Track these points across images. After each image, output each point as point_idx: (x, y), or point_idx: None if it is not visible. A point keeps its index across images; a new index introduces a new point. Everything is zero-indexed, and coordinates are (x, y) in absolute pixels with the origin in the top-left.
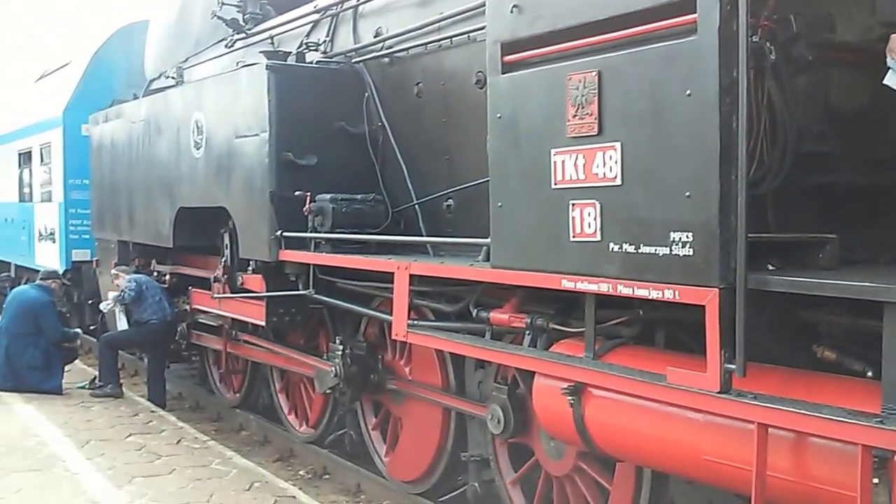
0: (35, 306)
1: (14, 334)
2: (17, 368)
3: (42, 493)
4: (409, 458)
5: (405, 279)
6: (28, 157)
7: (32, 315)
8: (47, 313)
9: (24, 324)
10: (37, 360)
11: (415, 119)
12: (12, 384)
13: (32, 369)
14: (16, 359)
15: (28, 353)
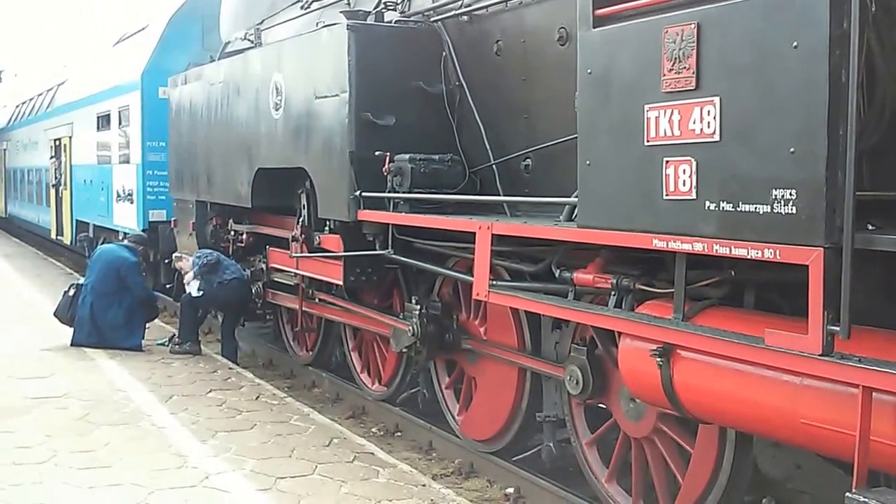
0: (121, 266)
1: (99, 292)
2: (100, 325)
3: (130, 447)
4: (483, 417)
5: (487, 239)
6: (106, 119)
7: (118, 274)
8: (133, 273)
9: (110, 282)
10: (119, 318)
11: (493, 78)
12: (95, 340)
13: (115, 327)
14: (100, 316)
15: (112, 312)
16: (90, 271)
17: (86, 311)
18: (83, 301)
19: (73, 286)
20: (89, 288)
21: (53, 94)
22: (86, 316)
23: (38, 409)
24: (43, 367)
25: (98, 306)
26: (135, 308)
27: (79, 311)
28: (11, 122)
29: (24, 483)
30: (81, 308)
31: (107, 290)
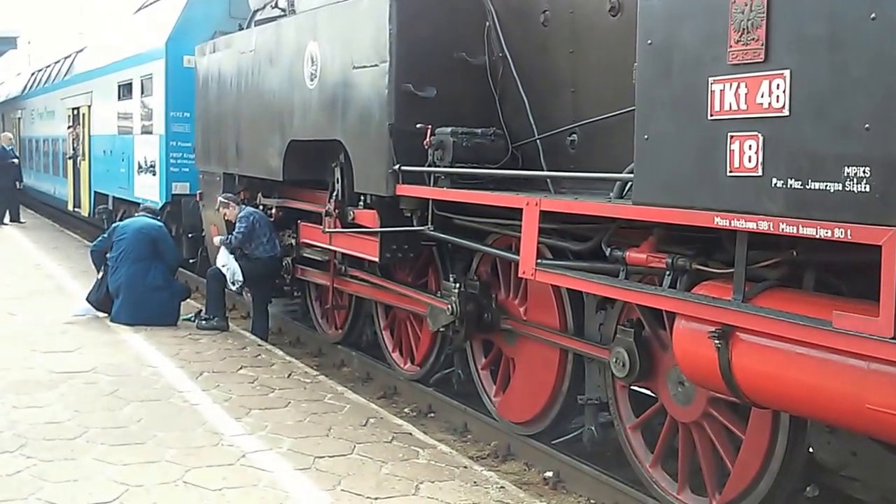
0: (152, 232)
1: (135, 258)
2: (140, 293)
3: (163, 423)
4: (522, 398)
5: (535, 216)
6: (128, 89)
7: (150, 240)
8: (164, 238)
9: (144, 248)
10: (159, 280)
11: (539, 49)
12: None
13: (157, 289)
14: (139, 281)
15: (151, 274)
16: (120, 242)
17: (120, 282)
18: (115, 273)
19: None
20: (123, 257)
21: (72, 61)
22: (121, 287)
23: (65, 384)
24: (68, 341)
25: (137, 273)
26: (169, 276)
27: (112, 285)
28: (27, 91)
29: (57, 459)
30: (114, 281)
31: (142, 256)
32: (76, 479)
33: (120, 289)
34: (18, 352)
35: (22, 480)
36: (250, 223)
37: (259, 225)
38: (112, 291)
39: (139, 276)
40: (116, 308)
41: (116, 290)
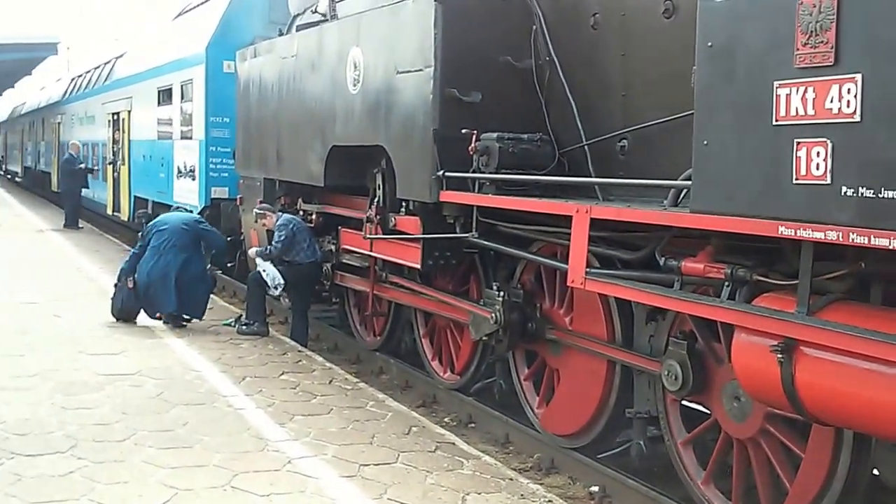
0: (194, 225)
1: (180, 247)
2: (184, 282)
3: (209, 427)
4: (566, 411)
5: (585, 224)
6: (168, 94)
7: (194, 233)
8: (206, 227)
9: (187, 239)
10: (199, 272)
11: (588, 53)
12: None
13: (198, 281)
14: (184, 271)
15: (193, 266)
16: (162, 233)
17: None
18: (156, 263)
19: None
20: (166, 246)
21: (111, 67)
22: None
23: (111, 386)
24: (112, 344)
25: (182, 261)
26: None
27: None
28: (67, 96)
29: (107, 461)
30: (154, 270)
31: (186, 246)
32: (126, 482)
33: (163, 277)
34: (65, 353)
35: (74, 481)
36: (290, 231)
37: (298, 231)
38: (149, 281)
39: (184, 266)
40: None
41: (158, 278)
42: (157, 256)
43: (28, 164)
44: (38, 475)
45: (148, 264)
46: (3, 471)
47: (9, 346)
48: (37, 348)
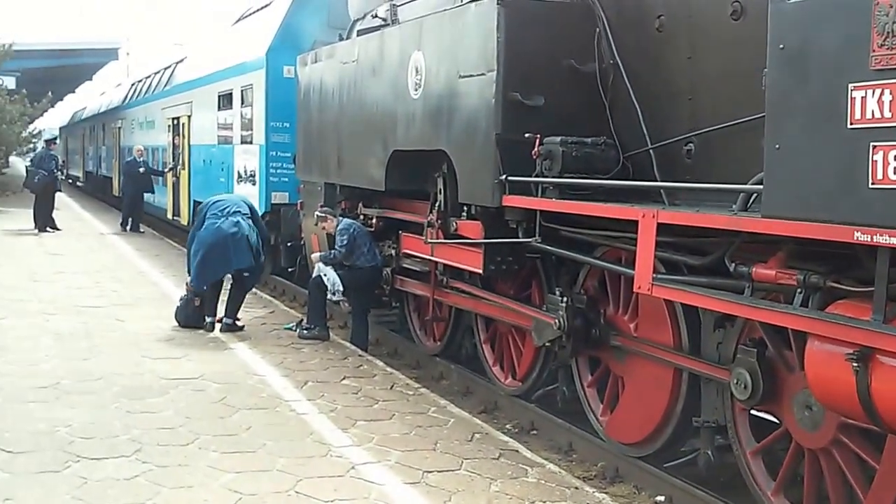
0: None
1: (243, 215)
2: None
3: (272, 432)
4: (631, 419)
5: (652, 228)
6: (228, 99)
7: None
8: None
9: (246, 209)
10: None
11: (653, 56)
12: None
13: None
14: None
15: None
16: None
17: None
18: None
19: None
20: (229, 212)
21: (171, 72)
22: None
23: (174, 391)
24: (175, 348)
25: (245, 225)
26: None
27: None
28: (127, 101)
29: (171, 465)
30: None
31: (232, 210)
32: (191, 486)
33: (232, 236)
34: (129, 357)
35: (139, 485)
36: (350, 236)
37: (358, 235)
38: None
39: (243, 230)
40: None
41: (228, 236)
42: (219, 220)
43: (89, 169)
44: (103, 479)
45: (210, 229)
46: (69, 474)
47: (73, 350)
48: (101, 352)
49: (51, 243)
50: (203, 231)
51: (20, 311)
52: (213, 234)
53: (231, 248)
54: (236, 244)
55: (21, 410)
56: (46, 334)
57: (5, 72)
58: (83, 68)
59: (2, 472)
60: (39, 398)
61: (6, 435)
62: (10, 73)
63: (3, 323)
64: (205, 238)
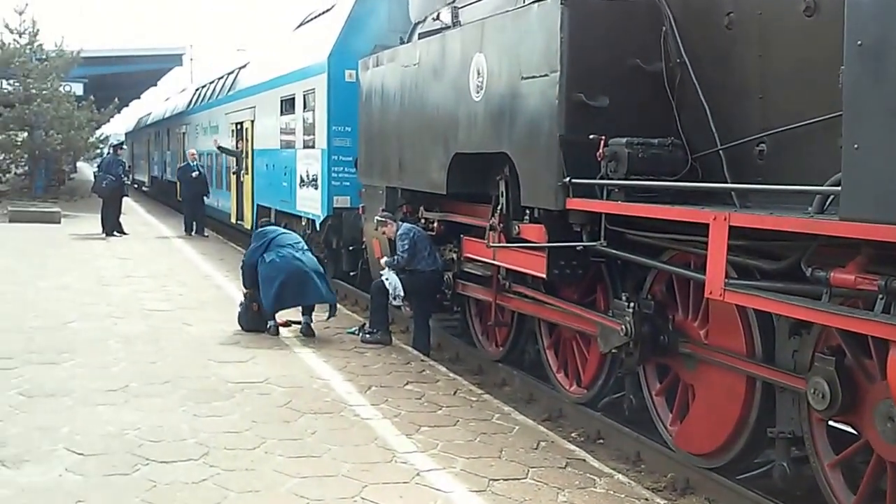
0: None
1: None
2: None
3: (337, 437)
4: (703, 429)
5: (724, 231)
6: (291, 103)
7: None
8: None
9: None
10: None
11: (722, 54)
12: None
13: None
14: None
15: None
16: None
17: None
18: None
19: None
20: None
21: (235, 77)
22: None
23: (240, 394)
24: (240, 352)
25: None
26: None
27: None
28: (191, 106)
29: (238, 469)
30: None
31: (299, 247)
32: (258, 490)
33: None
34: (195, 360)
35: (207, 489)
36: (411, 240)
37: (419, 240)
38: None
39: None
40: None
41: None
42: (296, 252)
43: (155, 174)
44: (171, 482)
45: (287, 258)
46: (139, 477)
47: (141, 353)
48: (167, 355)
49: (118, 247)
50: (279, 259)
51: (89, 315)
52: (291, 264)
53: (309, 282)
54: (315, 278)
55: (91, 413)
56: (114, 337)
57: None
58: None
59: (73, 474)
60: (108, 401)
61: (77, 438)
62: (77, 80)
63: (74, 326)
64: (282, 266)
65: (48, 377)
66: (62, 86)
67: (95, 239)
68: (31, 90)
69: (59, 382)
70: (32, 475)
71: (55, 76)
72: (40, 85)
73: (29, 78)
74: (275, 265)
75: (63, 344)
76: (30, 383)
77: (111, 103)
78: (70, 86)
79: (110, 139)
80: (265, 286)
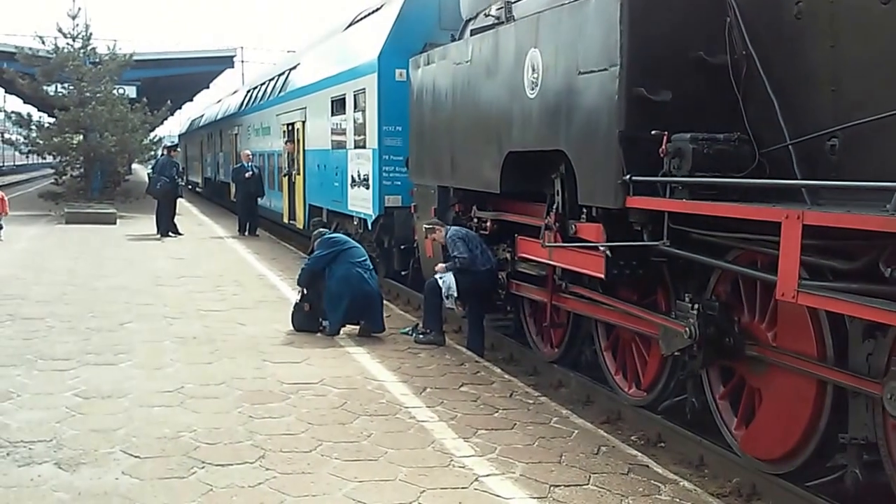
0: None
1: (363, 263)
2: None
3: (393, 440)
4: (770, 433)
5: (797, 231)
6: (341, 103)
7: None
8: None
9: (366, 258)
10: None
11: (791, 45)
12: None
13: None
14: (366, 285)
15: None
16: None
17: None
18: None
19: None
20: (368, 265)
21: (286, 78)
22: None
23: (295, 396)
24: (294, 353)
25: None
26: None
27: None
28: (243, 107)
29: (294, 472)
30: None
31: (365, 265)
32: (315, 494)
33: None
34: (250, 361)
35: (263, 493)
36: (463, 241)
37: (469, 240)
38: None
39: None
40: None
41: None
42: (365, 273)
43: (208, 175)
44: (228, 485)
45: (352, 274)
46: (195, 480)
47: (196, 354)
48: (222, 356)
49: (173, 248)
50: (351, 279)
51: (145, 315)
52: (362, 287)
53: (374, 307)
54: (376, 303)
55: (147, 415)
56: (170, 338)
57: (126, 81)
58: (200, 76)
59: (130, 477)
60: (164, 402)
61: (133, 439)
62: (130, 83)
63: (130, 326)
64: (355, 286)
65: (104, 378)
66: (116, 88)
67: (150, 240)
68: (85, 93)
69: (115, 384)
70: (89, 478)
71: (108, 79)
72: (94, 88)
73: (83, 81)
74: (346, 283)
75: (119, 345)
76: (86, 384)
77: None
78: (123, 88)
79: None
80: (333, 302)
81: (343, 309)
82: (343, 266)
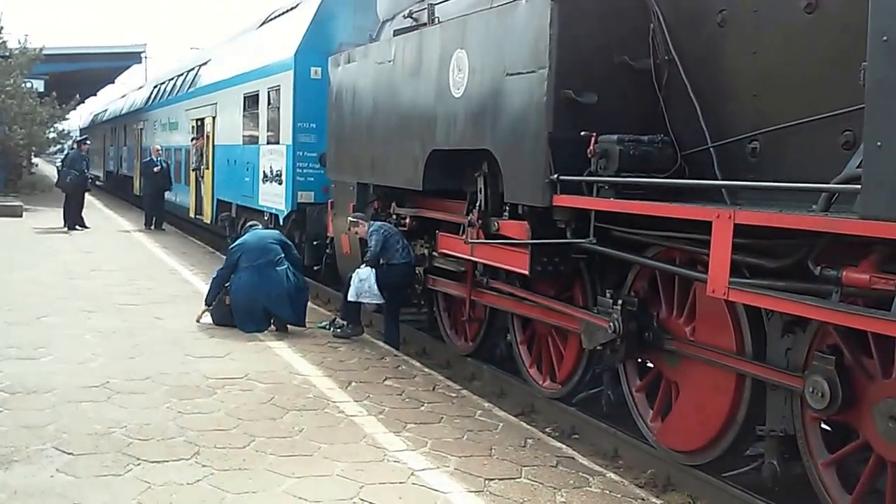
0: (277, 236)
1: (276, 261)
2: (271, 297)
3: (325, 434)
4: (687, 426)
5: (728, 229)
6: (254, 100)
7: (280, 243)
8: (286, 240)
9: (270, 252)
10: (291, 279)
11: (713, 51)
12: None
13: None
14: (264, 285)
15: (274, 274)
16: (251, 255)
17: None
18: (261, 280)
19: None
20: (263, 264)
21: (195, 74)
22: (271, 292)
23: (222, 391)
24: (216, 347)
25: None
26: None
27: (258, 290)
28: (150, 102)
29: (231, 469)
30: (261, 287)
31: (268, 260)
32: (255, 491)
33: (278, 293)
34: (173, 356)
35: (203, 490)
36: (381, 236)
37: (390, 235)
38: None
39: (265, 280)
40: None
41: (274, 294)
42: (258, 274)
43: (110, 169)
44: (166, 483)
45: (251, 282)
46: (132, 477)
47: (118, 349)
48: (144, 351)
49: (82, 241)
50: (245, 283)
51: (62, 309)
52: (253, 292)
53: (271, 305)
54: (276, 300)
55: (75, 410)
56: (90, 332)
57: (34, 75)
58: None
59: (65, 474)
60: (91, 397)
61: (64, 436)
62: (38, 77)
63: (47, 321)
64: (246, 292)
65: (29, 372)
66: (25, 82)
67: (58, 233)
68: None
69: (39, 378)
70: (23, 476)
71: (18, 73)
72: (4, 81)
73: None
74: (238, 290)
75: (40, 339)
76: (10, 379)
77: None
78: (31, 82)
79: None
80: (241, 315)
81: (257, 319)
82: (242, 274)
